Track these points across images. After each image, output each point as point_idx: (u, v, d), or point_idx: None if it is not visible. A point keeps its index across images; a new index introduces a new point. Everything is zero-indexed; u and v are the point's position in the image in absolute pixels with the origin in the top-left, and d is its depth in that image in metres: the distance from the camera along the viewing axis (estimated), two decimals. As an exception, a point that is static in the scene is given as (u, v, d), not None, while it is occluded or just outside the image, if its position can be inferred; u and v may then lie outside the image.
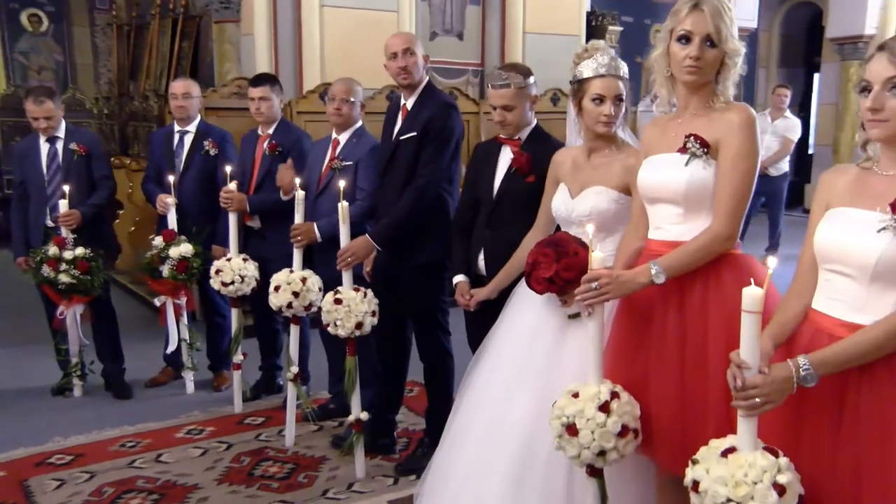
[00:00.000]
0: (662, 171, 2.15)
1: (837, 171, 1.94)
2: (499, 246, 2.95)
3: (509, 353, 2.62)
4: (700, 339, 2.04)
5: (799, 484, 1.64)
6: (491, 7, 7.80)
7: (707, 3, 2.06)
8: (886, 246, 1.65)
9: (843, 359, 1.65)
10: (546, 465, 2.40)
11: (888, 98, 1.66)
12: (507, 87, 2.94)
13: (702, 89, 2.13)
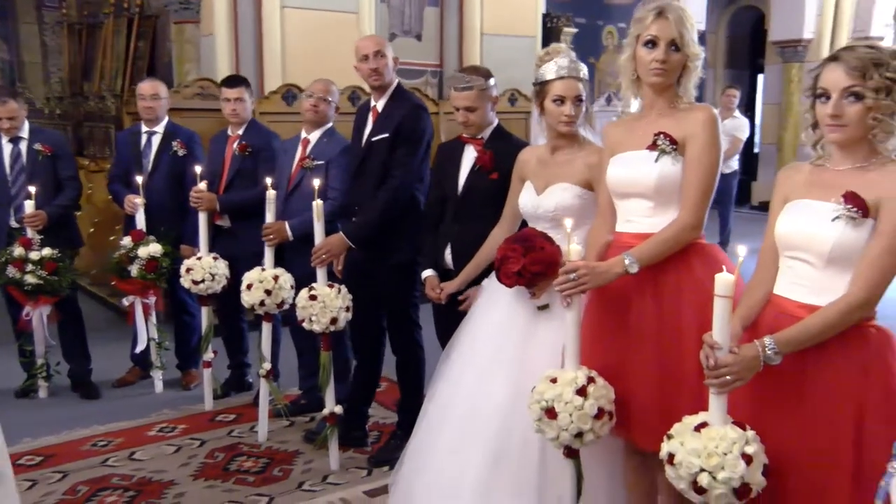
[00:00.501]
0: (633, 167, 2.27)
1: (793, 168, 2.09)
2: (465, 240, 3.06)
3: (481, 345, 2.72)
4: (675, 323, 2.17)
5: (764, 454, 1.78)
6: (449, 9, 7.90)
7: (671, 11, 2.20)
8: (840, 233, 1.80)
9: (803, 338, 1.79)
10: (520, 450, 2.52)
11: (846, 106, 1.81)
12: (469, 89, 3.06)
13: (666, 91, 2.27)
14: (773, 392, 1.86)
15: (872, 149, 1.85)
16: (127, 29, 8.45)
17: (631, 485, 2.44)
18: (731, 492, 1.76)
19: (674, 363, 2.17)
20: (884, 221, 1.79)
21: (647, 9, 2.24)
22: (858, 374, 1.79)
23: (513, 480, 2.52)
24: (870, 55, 1.85)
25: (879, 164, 1.85)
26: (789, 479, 1.82)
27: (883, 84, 1.81)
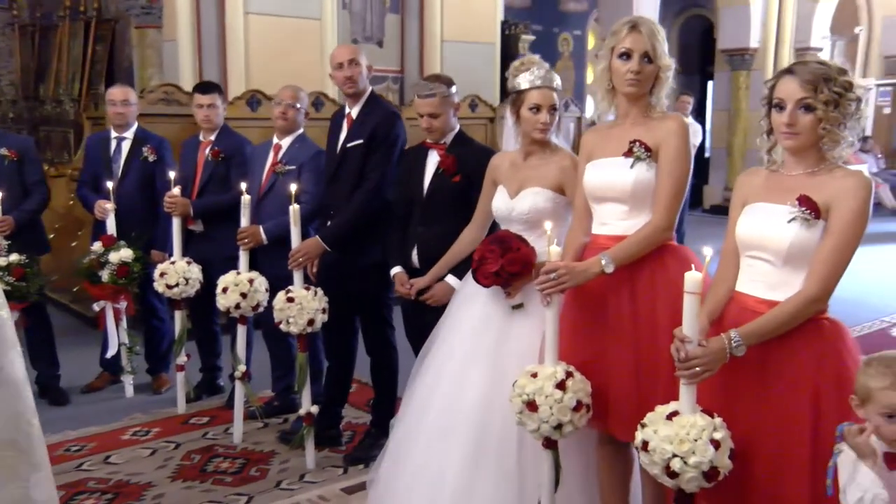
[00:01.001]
0: (609, 172, 2.41)
1: (750, 174, 2.25)
2: (431, 241, 3.18)
3: (459, 344, 2.82)
4: (649, 319, 2.31)
5: (730, 440, 1.93)
6: (409, 16, 8.03)
7: (643, 25, 2.35)
8: (796, 233, 1.96)
9: (765, 330, 1.95)
10: (499, 442, 2.63)
11: (799, 115, 1.98)
12: (432, 96, 3.18)
13: (640, 100, 2.41)
14: (738, 381, 2.02)
15: (821, 156, 2.02)
16: (84, 32, 8.39)
17: (604, 474, 2.57)
18: (700, 475, 1.90)
19: (648, 357, 2.30)
20: (834, 222, 1.96)
21: (621, 23, 2.38)
22: (814, 362, 1.95)
23: (493, 471, 2.62)
24: (821, 70, 2.01)
25: (827, 170, 2.02)
26: (754, 461, 1.97)
27: (832, 98, 1.98)
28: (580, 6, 12.80)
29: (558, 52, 12.28)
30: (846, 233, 1.93)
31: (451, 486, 2.66)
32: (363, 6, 7.79)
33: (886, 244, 9.12)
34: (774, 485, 1.97)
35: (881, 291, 6.94)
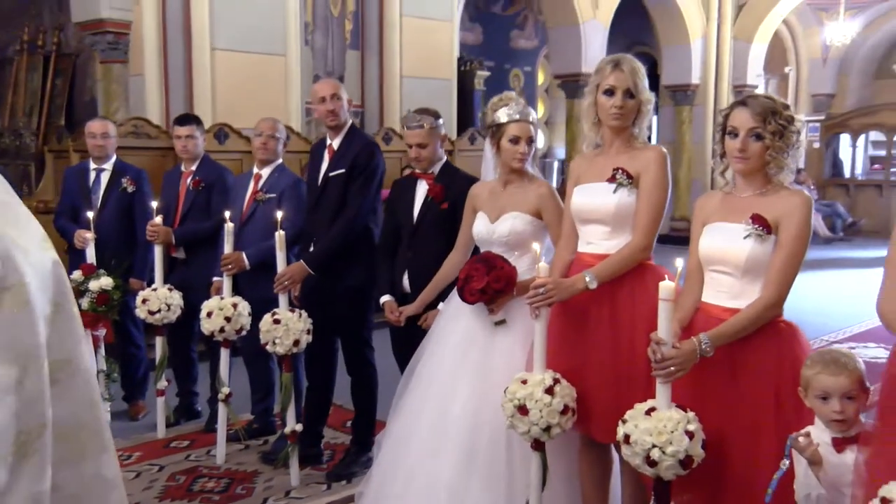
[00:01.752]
0: (594, 196, 2.64)
1: (707, 197, 2.53)
2: (420, 265, 3.37)
3: (447, 359, 2.99)
4: (628, 331, 2.53)
5: (702, 431, 2.16)
6: (369, 52, 8.28)
7: (625, 63, 2.60)
8: (751, 247, 2.22)
9: (730, 333, 2.19)
10: (489, 450, 2.80)
11: (750, 143, 2.25)
12: (420, 127, 3.40)
13: (623, 132, 2.65)
14: (708, 379, 2.25)
15: (767, 179, 2.29)
16: (43, 66, 8.41)
17: (585, 476, 2.78)
18: (677, 463, 2.12)
19: (627, 366, 2.52)
20: (783, 236, 2.23)
21: (605, 61, 2.63)
22: (774, 360, 2.20)
23: (484, 476, 2.79)
24: (769, 105, 2.30)
25: (774, 191, 2.29)
26: (725, 450, 2.20)
27: (778, 128, 2.26)
28: (530, 43, 13.28)
29: (510, 87, 12.68)
30: (794, 245, 2.21)
31: (445, 492, 2.82)
32: (325, 43, 8.02)
33: (821, 270, 9.61)
34: (745, 470, 2.21)
35: (819, 312, 7.35)
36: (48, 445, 1.21)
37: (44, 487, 1.19)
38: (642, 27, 12.36)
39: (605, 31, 10.94)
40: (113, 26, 6.70)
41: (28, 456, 1.17)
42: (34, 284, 1.23)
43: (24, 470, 1.15)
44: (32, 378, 1.19)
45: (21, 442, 1.15)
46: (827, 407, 2.01)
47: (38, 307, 1.23)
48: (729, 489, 2.26)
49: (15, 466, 1.14)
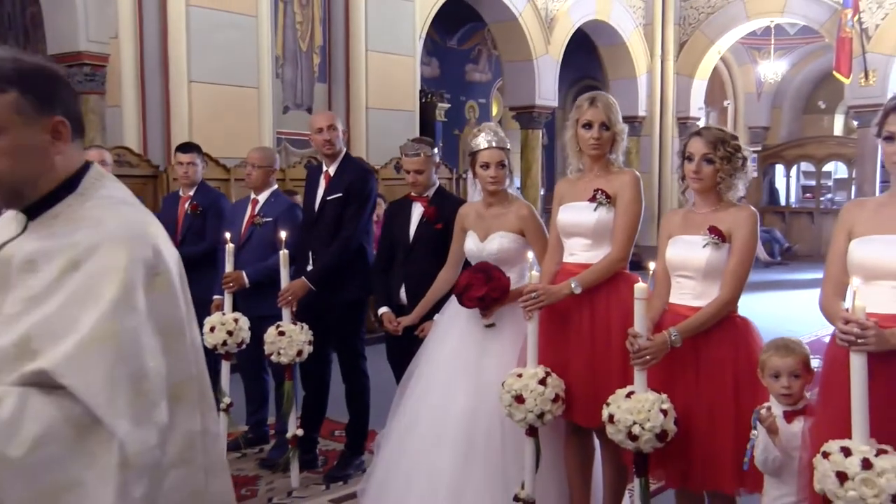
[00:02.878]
0: (577, 213, 3.03)
1: (671, 214, 2.95)
2: (416, 279, 3.71)
3: (443, 362, 3.31)
4: (606, 331, 2.91)
5: (673, 410, 2.55)
6: (336, 85, 8.64)
7: (600, 100, 3.01)
8: (709, 255, 2.64)
9: (693, 326, 2.60)
10: (486, 444, 3.13)
11: (703, 166, 2.68)
12: (418, 155, 3.77)
13: (601, 159, 3.05)
14: (677, 367, 2.65)
15: (720, 197, 2.72)
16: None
17: (570, 461, 3.14)
18: (654, 437, 2.50)
19: (605, 360, 2.91)
20: (735, 244, 2.66)
21: (583, 98, 3.05)
22: (731, 349, 2.62)
23: (482, 467, 3.11)
24: (719, 135, 2.74)
25: (725, 207, 2.73)
26: (691, 426, 2.60)
27: (726, 154, 2.70)
28: (484, 76, 13.83)
29: (465, 118, 13.18)
30: (744, 251, 2.64)
31: (446, 484, 3.12)
32: (294, 75, 8.36)
33: (762, 292, 10.22)
34: (708, 445, 2.60)
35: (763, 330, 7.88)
36: (195, 395, 1.53)
37: (196, 427, 1.52)
38: (591, 62, 13.01)
39: (557, 66, 11.54)
40: (90, 59, 6.93)
41: (181, 402, 1.49)
42: (174, 271, 1.57)
43: (179, 412, 1.48)
44: (178, 343, 1.52)
45: (173, 393, 1.47)
46: (777, 384, 2.43)
47: (178, 288, 1.56)
48: (695, 462, 2.65)
49: (173, 409, 1.46)
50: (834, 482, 2.09)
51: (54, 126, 1.52)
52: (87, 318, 1.39)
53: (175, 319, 1.54)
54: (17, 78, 1.47)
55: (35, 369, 1.35)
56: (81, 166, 1.59)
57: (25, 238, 1.52)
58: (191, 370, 1.54)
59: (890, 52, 11.29)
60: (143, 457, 1.38)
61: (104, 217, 1.52)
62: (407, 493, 3.24)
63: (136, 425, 1.37)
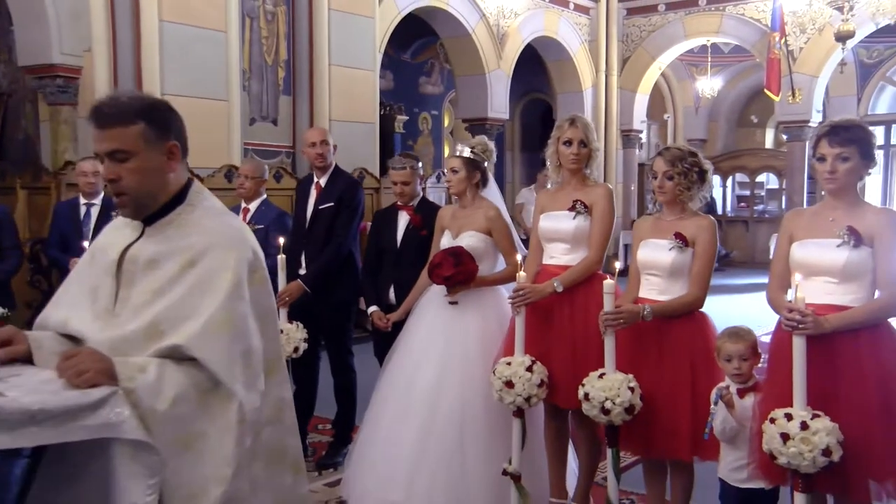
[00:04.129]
0: (558, 222, 3.44)
1: (641, 221, 3.39)
2: (404, 280, 4.08)
3: (414, 347, 3.68)
4: (583, 324, 3.31)
5: (639, 388, 2.97)
6: (300, 98, 8.92)
7: (579, 121, 3.44)
8: (674, 257, 3.08)
9: (663, 309, 3.04)
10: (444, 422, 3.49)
11: (665, 181, 3.13)
12: (404, 169, 4.15)
13: (578, 173, 3.47)
14: (642, 353, 3.09)
15: (683, 207, 3.17)
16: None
17: (549, 439, 3.56)
18: (623, 411, 2.92)
19: (583, 350, 3.31)
20: (698, 250, 3.10)
21: (563, 119, 3.48)
22: (689, 338, 3.06)
23: (440, 442, 3.45)
24: (678, 153, 3.19)
25: (689, 216, 3.17)
26: (654, 403, 3.02)
27: (683, 170, 3.14)
28: (437, 89, 14.26)
29: (419, 129, 13.58)
30: (707, 254, 3.09)
31: (408, 455, 3.48)
32: (260, 89, 8.62)
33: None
34: (669, 419, 3.03)
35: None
36: (282, 370, 1.89)
37: (285, 395, 1.87)
38: (539, 76, 13.55)
39: (508, 80, 12.04)
40: (64, 71, 7.13)
41: (272, 374, 1.85)
42: (266, 269, 1.92)
43: (270, 383, 1.83)
44: (271, 327, 1.87)
45: (267, 367, 1.83)
46: (730, 366, 2.87)
47: (269, 283, 1.92)
48: (658, 433, 3.08)
49: (267, 380, 1.81)
50: (779, 442, 2.54)
51: (169, 149, 1.86)
52: (206, 305, 1.74)
53: (269, 308, 1.90)
54: (142, 112, 1.82)
55: (170, 345, 1.69)
56: (186, 181, 1.94)
57: (144, 242, 1.86)
58: (278, 350, 1.90)
59: (813, 72, 12.12)
60: (253, 415, 1.73)
61: (211, 225, 1.87)
62: (377, 461, 3.55)
63: (247, 390, 1.72)
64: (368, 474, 3.58)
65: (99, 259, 1.95)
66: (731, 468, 2.92)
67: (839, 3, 9.70)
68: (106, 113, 1.85)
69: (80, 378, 1.60)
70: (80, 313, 1.87)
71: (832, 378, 2.66)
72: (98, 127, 1.85)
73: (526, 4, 12.13)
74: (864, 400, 2.63)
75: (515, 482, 3.34)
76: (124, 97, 1.89)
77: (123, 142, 1.83)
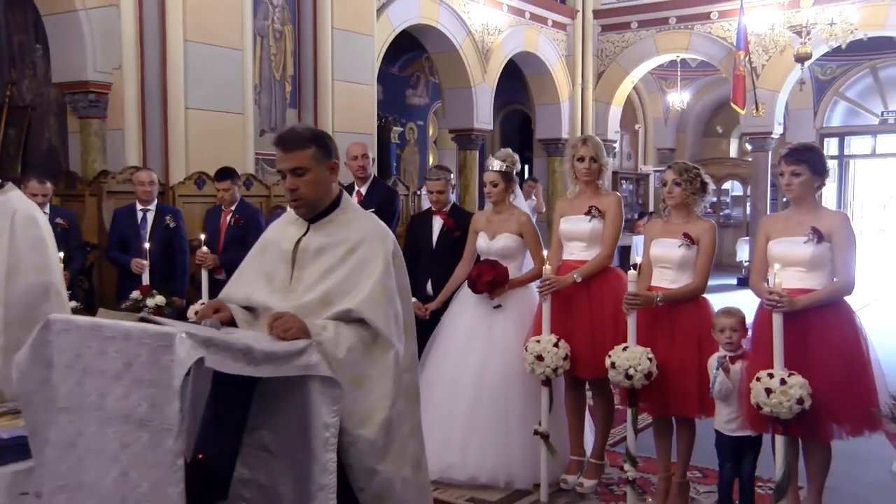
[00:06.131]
0: (576, 224, 4.14)
1: (652, 223, 4.12)
2: (439, 275, 4.74)
3: (459, 334, 4.37)
4: (599, 309, 4.03)
5: (655, 359, 3.68)
6: (306, 110, 9.53)
7: (590, 141, 4.15)
8: (683, 253, 3.80)
9: (673, 295, 3.74)
10: (491, 394, 4.19)
11: (675, 188, 3.84)
12: (440, 179, 4.83)
13: (591, 184, 4.18)
14: (656, 330, 3.80)
15: (689, 211, 3.90)
16: (0, 117, 9.06)
17: (569, 406, 4.26)
18: (643, 377, 3.63)
19: (599, 330, 4.02)
20: (702, 247, 3.81)
21: (576, 139, 4.20)
22: (695, 318, 3.77)
23: (488, 411, 4.16)
24: (684, 166, 3.91)
25: (694, 220, 3.89)
26: (668, 372, 3.73)
27: (688, 179, 3.86)
28: (422, 100, 14.96)
29: (406, 139, 14.25)
30: (709, 251, 3.82)
31: (461, 424, 4.17)
32: (269, 102, 9.22)
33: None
34: (678, 384, 3.74)
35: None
36: (414, 329, 2.55)
37: (415, 349, 2.53)
38: (518, 89, 14.31)
39: (492, 93, 12.77)
40: (96, 87, 7.66)
41: (408, 333, 2.51)
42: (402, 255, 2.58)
43: (408, 339, 2.49)
44: (406, 300, 2.54)
45: (405, 327, 2.48)
46: (723, 336, 3.60)
47: (405, 265, 2.57)
48: (670, 397, 3.79)
49: (406, 340, 2.47)
50: (764, 395, 3.26)
51: (331, 166, 2.53)
52: (366, 281, 2.40)
53: (405, 285, 2.57)
54: (313, 139, 2.48)
55: (344, 309, 2.35)
56: (339, 191, 2.59)
57: (312, 235, 2.52)
58: (411, 316, 2.57)
59: (775, 88, 13.06)
60: (404, 361, 2.40)
61: (362, 223, 2.54)
62: (435, 432, 4.14)
63: (399, 342, 2.39)
64: (427, 441, 4.23)
65: (271, 250, 2.60)
66: (725, 421, 3.63)
67: (797, 28, 10.61)
68: (288, 140, 2.50)
69: (288, 333, 2.24)
70: (259, 290, 2.52)
71: (803, 345, 3.39)
72: (283, 151, 2.50)
73: (508, 21, 12.89)
74: (827, 361, 3.37)
75: (545, 440, 4.04)
76: (300, 128, 2.55)
77: (301, 161, 2.48)
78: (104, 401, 2.01)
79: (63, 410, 2.08)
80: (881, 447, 4.21)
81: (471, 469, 4.12)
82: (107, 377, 2.00)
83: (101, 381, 2.01)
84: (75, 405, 2.06)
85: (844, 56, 13.90)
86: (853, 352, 3.41)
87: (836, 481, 3.77)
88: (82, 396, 2.05)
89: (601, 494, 4.21)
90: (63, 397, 2.08)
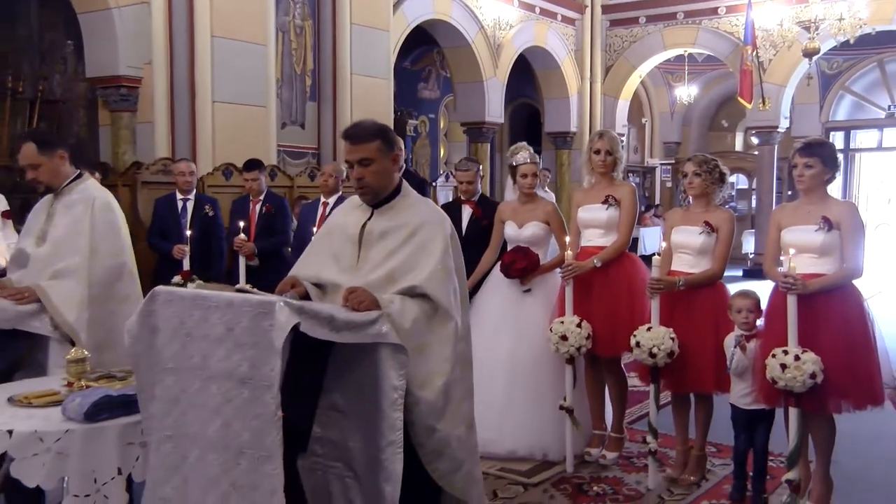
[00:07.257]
0: (594, 213, 4.41)
1: (673, 212, 4.41)
2: (468, 261, 4.96)
3: (491, 317, 4.63)
4: (617, 291, 4.31)
5: (677, 339, 3.96)
6: (325, 104, 9.80)
7: (606, 135, 4.43)
8: (703, 240, 4.07)
9: (695, 281, 4.02)
10: (525, 374, 4.49)
11: (695, 179, 4.12)
12: (469, 170, 5.10)
13: (607, 175, 4.45)
14: (678, 311, 4.07)
15: (708, 200, 4.17)
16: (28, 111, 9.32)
17: (589, 383, 4.55)
18: (666, 355, 3.91)
19: (617, 311, 4.30)
20: (721, 236, 4.07)
21: (594, 133, 4.47)
22: (712, 300, 4.05)
23: (523, 391, 4.46)
24: (703, 158, 4.19)
25: (713, 210, 4.17)
26: (687, 351, 4.00)
27: (707, 170, 4.14)
28: (433, 94, 15.23)
29: (418, 132, 14.53)
30: (727, 239, 4.09)
31: (498, 403, 4.46)
32: (290, 96, 9.50)
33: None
34: (697, 362, 4.02)
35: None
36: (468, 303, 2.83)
37: (469, 322, 2.81)
38: (528, 83, 14.57)
39: (503, 87, 13.03)
40: (127, 82, 7.95)
41: (464, 307, 2.79)
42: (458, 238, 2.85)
43: (463, 313, 2.77)
44: (461, 278, 2.82)
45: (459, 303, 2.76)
46: (739, 316, 3.88)
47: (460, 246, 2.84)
48: (689, 374, 4.07)
49: (461, 312, 2.75)
50: (779, 371, 3.54)
51: (394, 157, 2.80)
52: (427, 260, 2.68)
53: (460, 265, 2.85)
54: (378, 132, 2.76)
55: (409, 285, 2.63)
56: (399, 179, 2.87)
57: (376, 220, 2.80)
58: (465, 292, 2.85)
59: (781, 82, 13.32)
60: (461, 331, 2.68)
61: (422, 208, 2.82)
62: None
63: (458, 314, 2.67)
64: None
65: (337, 234, 2.88)
66: (740, 395, 3.92)
67: (806, 23, 10.85)
68: (356, 134, 2.78)
69: (361, 305, 2.52)
70: (327, 269, 2.80)
71: (814, 325, 3.66)
72: (351, 143, 2.77)
73: (519, 17, 13.15)
74: (836, 340, 3.64)
75: (570, 414, 4.32)
76: (366, 123, 2.83)
77: (367, 153, 2.76)
78: (207, 361, 2.29)
79: (168, 370, 2.37)
80: (886, 424, 4.50)
81: (508, 444, 4.41)
82: (209, 340, 2.28)
83: (205, 345, 2.29)
84: (180, 366, 2.35)
85: (851, 50, 14.15)
86: (859, 332, 3.68)
87: (842, 457, 4.06)
88: (186, 358, 2.33)
89: (622, 465, 4.49)
90: (168, 359, 2.37)
